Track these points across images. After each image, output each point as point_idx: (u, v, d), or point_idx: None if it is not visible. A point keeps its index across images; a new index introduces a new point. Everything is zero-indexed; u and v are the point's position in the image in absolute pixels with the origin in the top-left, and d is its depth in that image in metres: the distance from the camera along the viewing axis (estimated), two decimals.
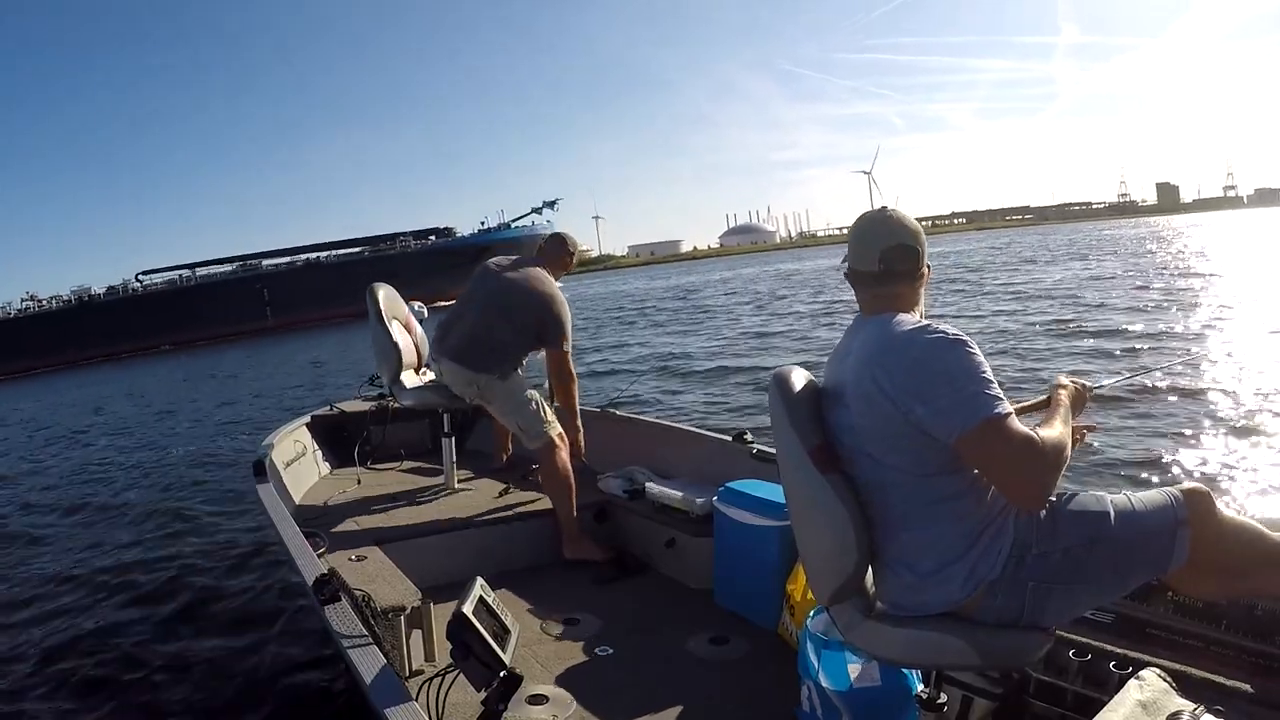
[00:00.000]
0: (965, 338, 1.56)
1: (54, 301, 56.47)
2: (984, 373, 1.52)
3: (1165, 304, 13.85)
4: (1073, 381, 1.80)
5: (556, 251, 3.83)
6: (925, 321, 1.63)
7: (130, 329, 50.02)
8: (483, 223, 62.99)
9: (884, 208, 1.78)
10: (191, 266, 60.55)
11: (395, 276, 3.79)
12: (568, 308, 3.65)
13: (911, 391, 1.54)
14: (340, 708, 2.99)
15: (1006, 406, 1.50)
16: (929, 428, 1.53)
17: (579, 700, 2.38)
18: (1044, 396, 1.79)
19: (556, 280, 3.74)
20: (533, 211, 62.11)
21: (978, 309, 15.67)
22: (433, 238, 61.69)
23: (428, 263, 54.01)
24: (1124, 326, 11.36)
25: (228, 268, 60.52)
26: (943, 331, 1.57)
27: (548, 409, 3.60)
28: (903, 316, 1.65)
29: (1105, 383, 2.17)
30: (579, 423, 3.76)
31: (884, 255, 1.70)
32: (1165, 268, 22.70)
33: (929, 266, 1.76)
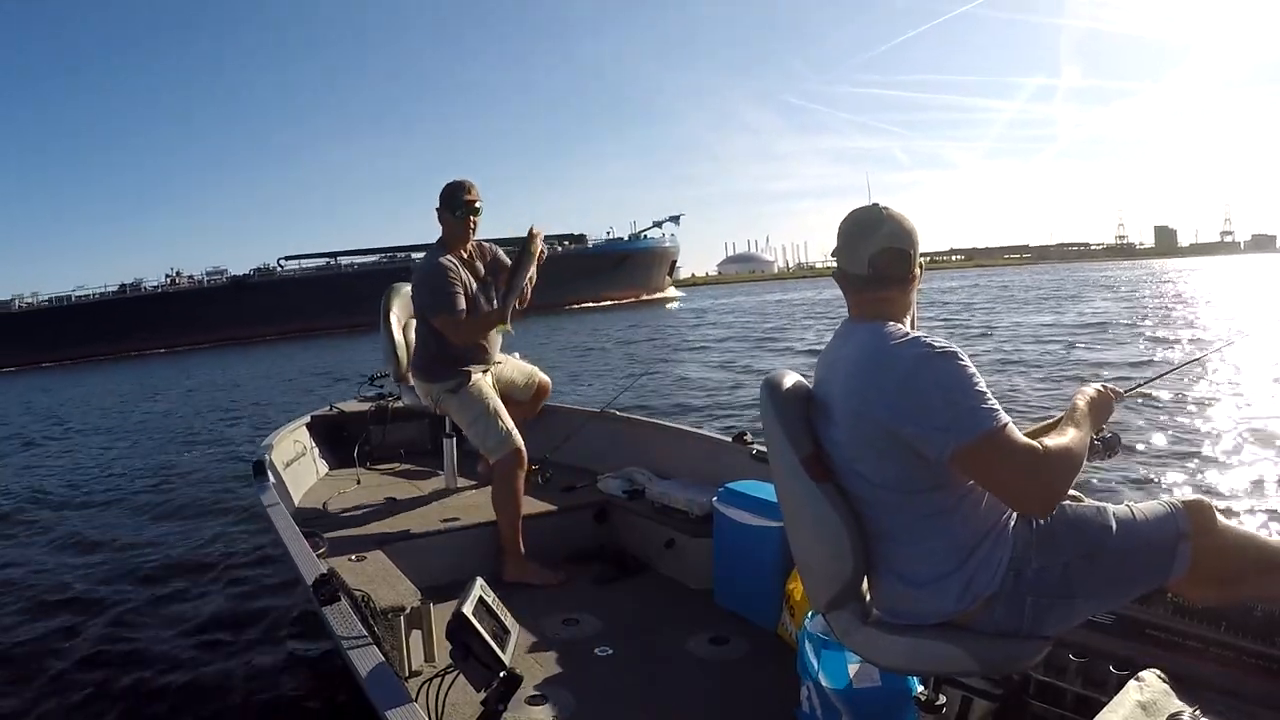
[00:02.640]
0: (955, 349, 1.52)
1: (189, 279, 57.77)
2: (976, 385, 1.48)
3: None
4: (1096, 387, 1.72)
5: (441, 220, 3.54)
6: (914, 334, 1.58)
7: (290, 310, 51.72)
8: (608, 232, 66.84)
9: (875, 205, 1.69)
10: (333, 255, 62.95)
11: (541, 277, 3.74)
12: (435, 276, 3.42)
13: (901, 410, 1.50)
14: (340, 708, 2.99)
15: (1002, 417, 1.46)
16: (920, 446, 1.50)
17: (579, 700, 2.38)
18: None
19: (457, 249, 3.53)
20: (654, 225, 66.08)
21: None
22: (567, 243, 64.04)
23: (572, 266, 56.80)
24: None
25: (372, 258, 62.68)
26: (930, 345, 1.52)
27: (508, 423, 3.47)
28: (892, 328, 1.60)
29: (1134, 383, 2.08)
30: (502, 313, 3.47)
31: (873, 260, 1.63)
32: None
33: (921, 267, 1.69)
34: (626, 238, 64.98)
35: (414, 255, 61.22)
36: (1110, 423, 1.76)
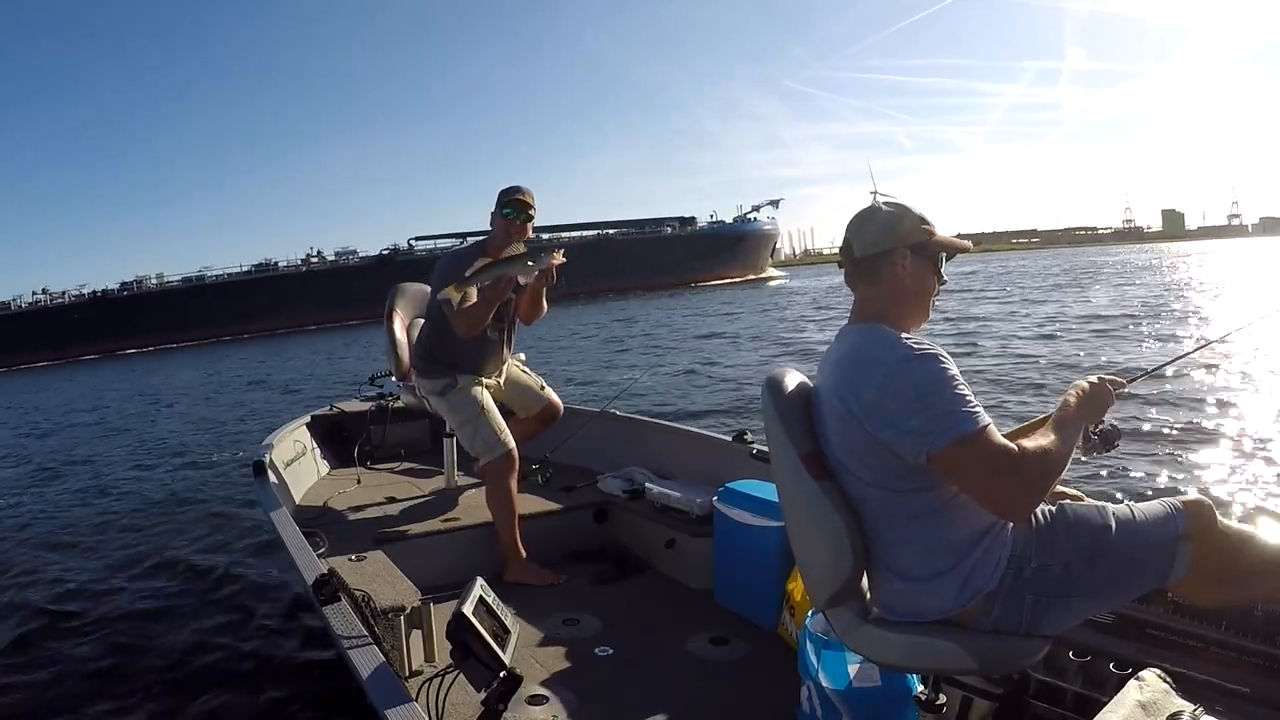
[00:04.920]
0: (935, 351, 1.51)
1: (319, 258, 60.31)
2: (955, 387, 1.47)
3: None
4: (1092, 379, 1.68)
5: (493, 220, 3.40)
6: (898, 337, 1.56)
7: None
8: (712, 215, 74.44)
9: (874, 204, 1.70)
10: (461, 236, 66.84)
11: (656, 257, 3.68)
12: (450, 263, 3.33)
13: (878, 414, 1.50)
14: (340, 708, 2.99)
15: (980, 420, 1.45)
16: (897, 449, 1.50)
17: (579, 700, 2.39)
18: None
19: (497, 252, 3.32)
20: (753, 209, 73.33)
21: None
22: (676, 224, 71.05)
23: (696, 246, 64.81)
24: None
25: None
26: (910, 348, 1.51)
27: (498, 426, 3.41)
28: (881, 331, 1.59)
29: (1136, 374, 2.01)
30: (496, 296, 3.22)
31: (866, 257, 1.65)
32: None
33: (903, 250, 1.65)
34: (730, 220, 71.46)
35: (543, 236, 67.44)
36: (1111, 415, 1.72)
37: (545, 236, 66.48)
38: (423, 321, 3.75)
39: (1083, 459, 1.73)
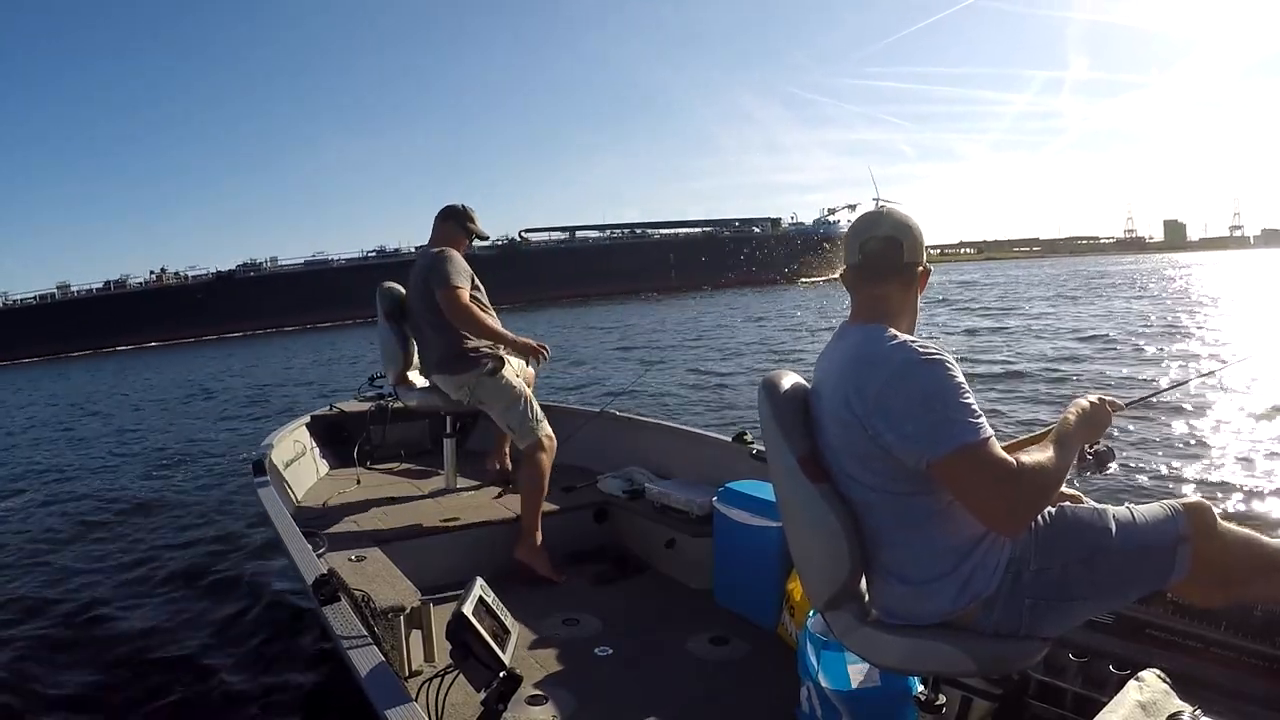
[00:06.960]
0: (942, 357, 1.50)
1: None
2: (960, 396, 1.46)
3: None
4: (1092, 399, 1.68)
5: (445, 229, 3.83)
6: (903, 339, 1.55)
7: (564, 278, 61.52)
8: (792, 216, 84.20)
9: (878, 206, 1.72)
10: (569, 229, 73.37)
11: (751, 257, 3.88)
12: (456, 260, 3.65)
13: (881, 416, 1.49)
14: (340, 708, 2.99)
15: (983, 431, 1.44)
16: (898, 454, 1.49)
17: (579, 701, 2.39)
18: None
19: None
20: (830, 211, 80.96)
21: None
22: (767, 225, 79.39)
23: (790, 244, 72.27)
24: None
25: (604, 232, 75.20)
26: (916, 351, 1.50)
27: (538, 409, 3.62)
28: (884, 332, 1.58)
29: (1135, 396, 2.03)
30: (510, 338, 3.67)
31: (864, 246, 1.65)
32: None
33: (926, 269, 1.69)
34: (810, 223, 78.12)
35: (648, 231, 76.26)
36: (1107, 434, 1.73)
37: (650, 232, 75.80)
38: (423, 325, 3.72)
39: (1076, 479, 1.74)
